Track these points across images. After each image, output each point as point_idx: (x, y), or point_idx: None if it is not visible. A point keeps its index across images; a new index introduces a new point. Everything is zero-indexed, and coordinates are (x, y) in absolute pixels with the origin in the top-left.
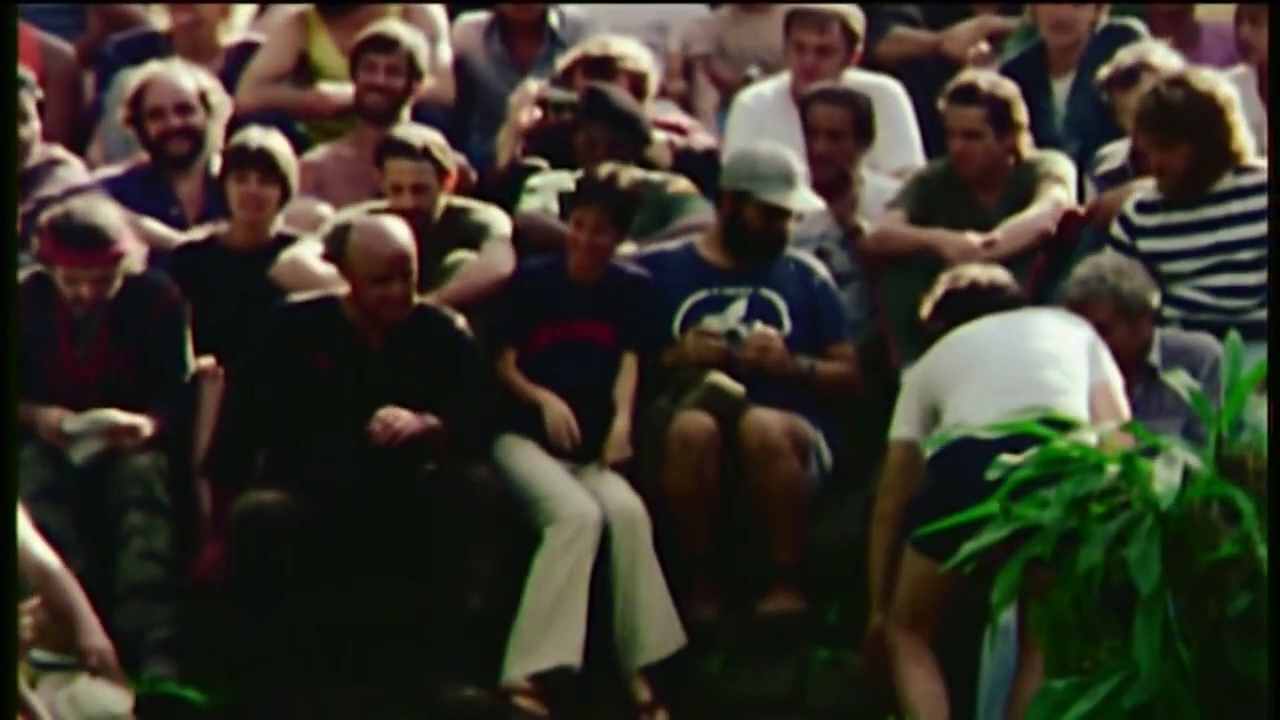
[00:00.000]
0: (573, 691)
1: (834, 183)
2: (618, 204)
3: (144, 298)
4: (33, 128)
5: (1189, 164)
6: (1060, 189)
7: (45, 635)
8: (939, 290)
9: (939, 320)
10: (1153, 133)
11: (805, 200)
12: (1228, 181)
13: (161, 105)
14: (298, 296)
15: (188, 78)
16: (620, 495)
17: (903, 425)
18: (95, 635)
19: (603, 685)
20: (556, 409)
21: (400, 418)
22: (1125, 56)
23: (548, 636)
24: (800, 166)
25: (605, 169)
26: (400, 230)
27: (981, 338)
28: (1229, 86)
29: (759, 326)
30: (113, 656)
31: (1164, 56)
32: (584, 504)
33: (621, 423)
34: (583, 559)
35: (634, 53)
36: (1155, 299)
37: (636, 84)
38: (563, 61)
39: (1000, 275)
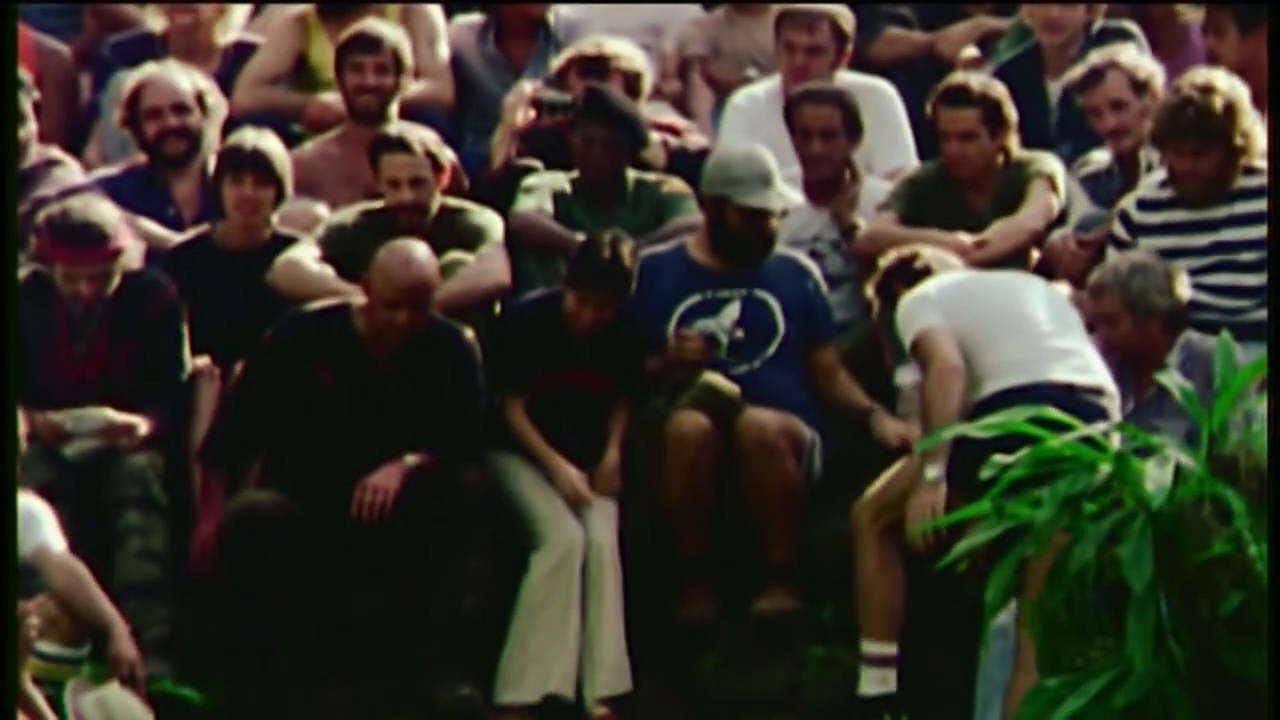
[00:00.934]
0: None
1: (830, 182)
2: (622, 282)
3: (142, 296)
4: (29, 128)
5: (1218, 168)
6: (1051, 190)
7: (53, 628)
8: (888, 262)
9: (889, 291)
10: (1190, 141)
11: (783, 199)
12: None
13: (159, 105)
14: (311, 306)
15: (184, 78)
16: (596, 534)
17: (935, 316)
18: (126, 644)
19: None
20: (567, 473)
21: (380, 489)
22: (1094, 57)
23: (536, 667)
24: (775, 165)
25: (606, 242)
26: (425, 261)
27: (1013, 288)
28: (1241, 87)
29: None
30: (142, 669)
31: (1132, 56)
32: (569, 529)
33: (612, 457)
34: (569, 586)
35: (628, 53)
36: (1165, 304)
37: (631, 84)
38: (557, 62)
39: (950, 257)
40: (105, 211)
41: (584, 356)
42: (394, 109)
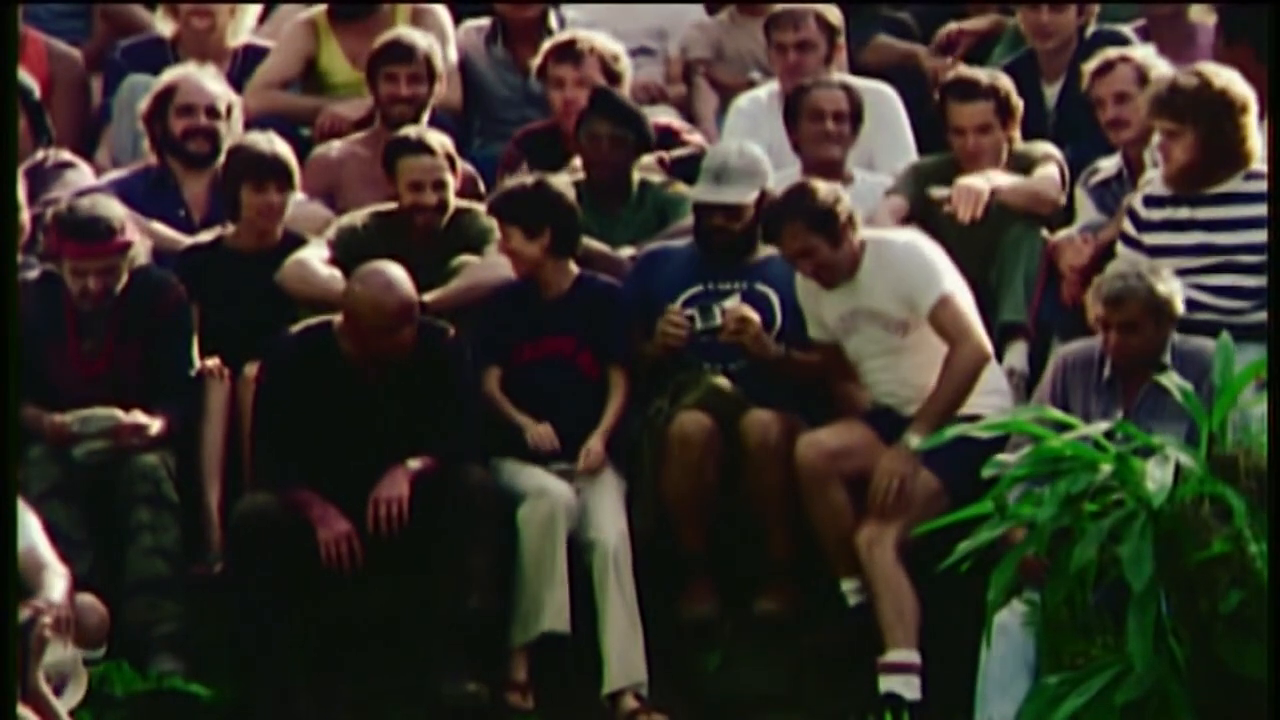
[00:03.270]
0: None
1: (834, 164)
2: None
3: (150, 294)
4: None
5: (1193, 155)
6: (1057, 167)
7: (68, 629)
8: (778, 194)
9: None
10: (1161, 118)
11: (731, 196)
12: (1235, 184)
13: (193, 103)
14: (294, 329)
15: (217, 84)
16: (608, 526)
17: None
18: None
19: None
20: (537, 429)
21: (391, 499)
22: (1111, 51)
23: (536, 608)
24: (746, 161)
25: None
26: (403, 277)
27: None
28: (1246, 88)
29: (735, 304)
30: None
31: (1148, 54)
32: (554, 485)
33: (602, 425)
34: (554, 531)
35: (601, 39)
36: (1180, 304)
37: (607, 67)
38: (536, 60)
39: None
40: (112, 207)
41: (556, 322)
42: (425, 116)
